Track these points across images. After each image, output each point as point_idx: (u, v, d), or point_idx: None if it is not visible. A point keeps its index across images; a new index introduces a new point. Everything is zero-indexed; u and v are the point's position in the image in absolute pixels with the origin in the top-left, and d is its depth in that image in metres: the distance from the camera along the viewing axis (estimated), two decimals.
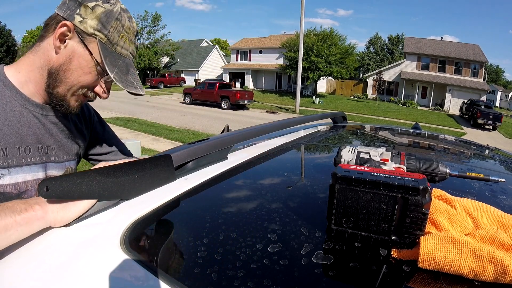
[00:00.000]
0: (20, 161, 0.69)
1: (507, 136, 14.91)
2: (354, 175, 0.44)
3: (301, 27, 16.34)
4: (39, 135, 0.73)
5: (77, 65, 0.68)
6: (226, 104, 16.22)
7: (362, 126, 1.69)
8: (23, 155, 0.69)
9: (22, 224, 0.45)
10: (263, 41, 31.82)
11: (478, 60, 25.13)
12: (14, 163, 0.67)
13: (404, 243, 0.43)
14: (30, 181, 0.71)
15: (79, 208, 0.50)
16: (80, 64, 0.68)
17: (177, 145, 0.75)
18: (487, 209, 0.52)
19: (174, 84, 29.93)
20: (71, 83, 0.69)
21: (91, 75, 0.70)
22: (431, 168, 0.60)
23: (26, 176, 0.70)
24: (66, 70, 0.68)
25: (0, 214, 0.45)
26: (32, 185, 0.72)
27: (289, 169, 0.82)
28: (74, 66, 0.68)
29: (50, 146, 0.75)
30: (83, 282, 0.38)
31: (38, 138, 0.72)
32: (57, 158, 0.77)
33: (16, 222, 0.45)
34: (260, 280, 0.37)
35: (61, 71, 0.68)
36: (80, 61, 0.68)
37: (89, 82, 0.70)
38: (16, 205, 0.47)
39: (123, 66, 0.72)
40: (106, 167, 0.52)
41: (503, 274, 0.36)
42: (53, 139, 0.76)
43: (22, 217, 0.46)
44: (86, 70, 0.69)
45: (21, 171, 0.69)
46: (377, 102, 24.98)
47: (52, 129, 0.75)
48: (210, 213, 0.55)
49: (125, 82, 0.71)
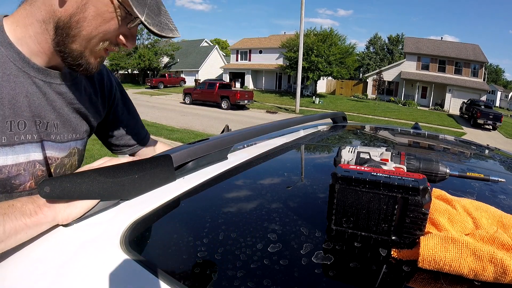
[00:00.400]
0: (11, 139, 0.57)
1: (507, 136, 14.91)
2: (354, 175, 0.44)
3: (301, 27, 16.34)
4: (38, 107, 0.60)
5: (94, 12, 0.54)
6: (226, 104, 16.22)
7: (362, 126, 1.69)
8: (15, 131, 0.57)
9: (32, 227, 0.45)
10: (263, 41, 31.83)
11: (478, 60, 25.13)
12: (2, 142, 0.56)
13: (404, 243, 0.43)
14: (23, 163, 0.60)
15: (86, 203, 0.49)
16: (98, 11, 0.54)
17: (177, 145, 0.75)
18: (487, 209, 0.52)
19: (174, 84, 29.92)
20: (89, 35, 0.56)
21: (113, 22, 0.56)
22: (431, 168, 0.60)
23: (18, 157, 0.59)
24: (80, 20, 0.54)
25: (10, 217, 0.43)
26: (26, 168, 0.60)
27: (289, 169, 0.82)
28: (91, 15, 0.54)
29: (51, 122, 0.63)
30: (83, 282, 0.38)
31: (37, 110, 0.60)
32: (59, 137, 0.66)
33: (27, 225, 0.44)
34: (260, 280, 0.37)
35: (73, 23, 0.54)
36: (98, 7, 0.54)
37: (111, 31, 0.57)
38: (25, 206, 0.45)
39: (153, 4, 0.57)
40: (106, 167, 0.52)
41: (503, 274, 0.36)
42: (56, 114, 0.63)
43: (32, 220, 0.45)
44: (107, 16, 0.55)
45: (11, 152, 0.57)
46: (377, 102, 24.98)
47: (55, 100, 0.62)
48: (210, 213, 0.55)
49: (159, 26, 0.57)
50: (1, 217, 0.43)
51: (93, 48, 0.58)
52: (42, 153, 0.63)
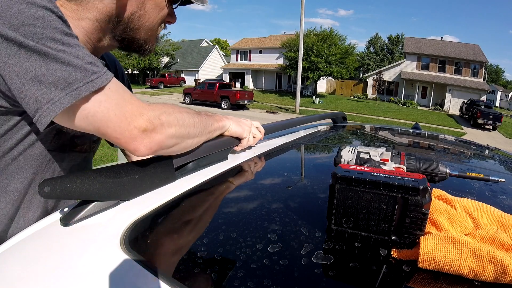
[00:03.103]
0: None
1: (507, 136, 14.91)
2: (354, 175, 0.44)
3: (301, 27, 16.34)
4: None
5: (151, 5, 0.63)
6: (226, 104, 16.22)
7: (362, 126, 1.69)
8: None
9: (219, 128, 0.74)
10: (263, 41, 31.83)
11: (478, 60, 25.14)
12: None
13: (404, 243, 0.43)
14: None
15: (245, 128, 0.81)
16: (154, 3, 0.63)
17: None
18: (487, 209, 0.52)
19: (174, 84, 29.92)
20: (151, 25, 0.65)
21: (165, 8, 0.66)
22: (431, 168, 0.60)
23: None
24: (142, 15, 0.63)
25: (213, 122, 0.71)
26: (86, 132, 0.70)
27: (289, 169, 0.82)
28: (150, 8, 0.63)
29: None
30: (83, 282, 0.38)
31: None
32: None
33: (219, 127, 0.73)
34: (260, 280, 0.37)
35: (135, 19, 0.63)
36: (154, 0, 0.63)
37: (165, 15, 0.67)
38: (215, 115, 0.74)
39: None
40: (106, 167, 0.52)
41: (503, 274, 0.36)
42: None
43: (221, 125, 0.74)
44: (162, 5, 0.64)
45: None
46: (377, 102, 24.99)
47: None
48: (210, 213, 0.55)
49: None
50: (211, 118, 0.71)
51: (155, 33, 0.68)
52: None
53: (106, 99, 0.48)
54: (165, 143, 0.55)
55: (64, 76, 0.44)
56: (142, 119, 0.51)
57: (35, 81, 0.43)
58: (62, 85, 0.44)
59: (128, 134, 0.50)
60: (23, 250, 0.45)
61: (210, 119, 0.70)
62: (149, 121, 0.52)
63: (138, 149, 0.51)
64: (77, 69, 0.45)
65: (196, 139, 0.64)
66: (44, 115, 0.44)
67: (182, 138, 0.59)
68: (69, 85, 0.44)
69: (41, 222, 0.51)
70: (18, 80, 0.43)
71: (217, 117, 0.74)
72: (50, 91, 0.44)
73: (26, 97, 0.44)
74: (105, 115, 0.48)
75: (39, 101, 0.44)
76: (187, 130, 0.60)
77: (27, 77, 0.43)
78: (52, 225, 0.50)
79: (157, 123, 0.53)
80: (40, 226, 0.50)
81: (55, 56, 0.44)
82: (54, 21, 0.45)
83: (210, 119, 0.70)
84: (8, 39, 0.42)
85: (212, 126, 0.70)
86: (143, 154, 0.53)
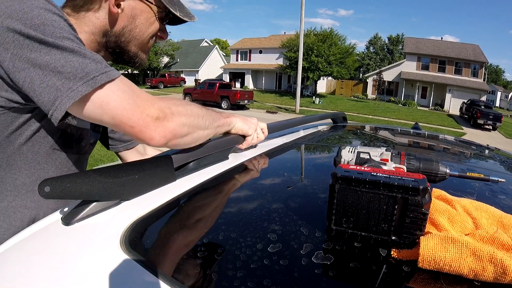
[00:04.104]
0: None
1: (507, 136, 14.91)
2: (354, 175, 0.44)
3: (301, 27, 16.34)
4: None
5: (142, 20, 0.68)
6: (226, 104, 16.22)
7: (362, 126, 1.69)
8: None
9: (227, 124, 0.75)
10: (263, 41, 31.82)
11: (478, 60, 25.14)
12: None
13: (404, 243, 0.43)
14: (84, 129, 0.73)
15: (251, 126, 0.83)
16: (145, 17, 0.68)
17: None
18: (487, 209, 0.52)
19: (174, 84, 29.93)
20: (142, 38, 0.70)
21: (156, 24, 0.70)
22: (431, 168, 0.60)
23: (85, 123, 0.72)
24: (132, 29, 0.68)
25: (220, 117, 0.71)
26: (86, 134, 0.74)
27: (289, 169, 0.82)
28: (140, 22, 0.68)
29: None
30: (83, 282, 0.38)
31: None
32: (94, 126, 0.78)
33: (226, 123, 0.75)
34: (260, 280, 0.37)
35: (126, 33, 0.68)
36: (144, 15, 0.68)
37: (156, 30, 0.72)
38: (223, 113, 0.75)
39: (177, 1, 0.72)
40: (106, 167, 0.52)
41: (503, 274, 0.36)
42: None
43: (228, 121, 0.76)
44: (151, 20, 0.69)
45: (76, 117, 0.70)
46: (377, 102, 24.98)
47: None
48: (210, 213, 0.55)
49: (187, 15, 0.73)
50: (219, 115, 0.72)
51: (145, 46, 0.73)
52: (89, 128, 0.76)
53: (119, 89, 0.51)
54: (178, 131, 0.56)
55: (81, 67, 0.48)
56: (153, 108, 0.53)
57: (55, 72, 0.47)
58: (80, 74, 0.48)
59: (142, 122, 0.51)
60: (25, 249, 0.45)
61: (217, 114, 0.72)
62: (161, 110, 0.54)
63: (153, 137, 0.53)
64: (92, 61, 0.50)
65: (206, 131, 0.65)
66: (64, 102, 0.48)
67: (193, 127, 0.60)
68: (86, 74, 0.48)
69: (43, 221, 0.51)
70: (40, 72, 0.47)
71: (224, 114, 0.76)
72: (69, 81, 0.48)
73: (48, 87, 0.47)
74: (119, 103, 0.50)
75: (59, 90, 0.48)
76: (197, 121, 0.62)
77: (48, 69, 0.47)
78: (53, 224, 0.50)
79: (168, 112, 0.55)
80: (42, 225, 0.50)
81: (72, 49, 0.49)
82: (66, 26, 0.51)
83: (217, 114, 0.72)
84: (30, 37, 0.47)
85: (219, 120, 0.71)
86: (158, 143, 0.54)
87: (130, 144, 0.97)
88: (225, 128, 0.75)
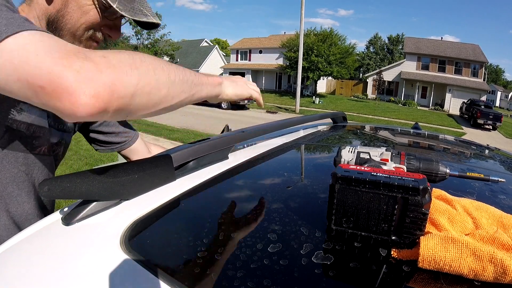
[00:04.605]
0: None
1: (507, 136, 14.91)
2: (354, 175, 0.44)
3: (301, 27, 16.33)
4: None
5: (74, 6, 0.61)
6: (226, 104, 16.21)
7: (362, 126, 1.69)
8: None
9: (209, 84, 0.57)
10: (263, 41, 31.83)
11: (478, 60, 25.14)
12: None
13: (404, 243, 0.43)
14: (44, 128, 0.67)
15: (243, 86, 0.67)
16: (78, 4, 0.61)
17: (177, 145, 0.75)
18: (487, 209, 0.52)
19: None
20: (73, 27, 0.62)
21: (92, 13, 0.62)
22: (431, 168, 0.60)
23: (40, 121, 0.66)
24: (65, 14, 0.61)
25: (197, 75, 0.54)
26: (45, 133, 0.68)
27: (289, 169, 0.82)
28: (72, 8, 0.61)
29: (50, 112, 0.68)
30: (83, 282, 0.38)
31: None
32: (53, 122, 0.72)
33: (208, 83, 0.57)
34: (260, 280, 0.37)
35: (60, 17, 0.61)
36: (78, 1, 0.61)
37: (91, 21, 0.63)
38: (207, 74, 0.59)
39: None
40: (106, 167, 0.52)
41: (503, 274, 0.36)
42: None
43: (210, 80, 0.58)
44: (85, 8, 0.62)
45: (37, 113, 0.65)
46: (377, 102, 24.98)
47: None
48: (210, 213, 0.55)
49: (131, 11, 0.63)
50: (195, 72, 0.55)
51: (80, 38, 0.64)
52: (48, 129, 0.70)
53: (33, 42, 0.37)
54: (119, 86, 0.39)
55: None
56: (77, 58, 0.37)
57: None
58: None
59: (56, 77, 0.35)
60: (25, 249, 0.45)
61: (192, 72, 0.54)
62: (89, 58, 0.38)
63: (76, 99, 0.35)
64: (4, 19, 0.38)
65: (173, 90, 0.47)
66: None
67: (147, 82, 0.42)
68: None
69: (43, 221, 0.51)
70: None
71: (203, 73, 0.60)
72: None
73: None
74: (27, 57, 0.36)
75: None
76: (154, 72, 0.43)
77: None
78: (53, 224, 0.50)
79: (101, 60, 0.38)
80: (42, 225, 0.50)
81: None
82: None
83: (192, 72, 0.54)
84: None
85: (197, 78, 0.54)
86: (88, 110, 0.36)
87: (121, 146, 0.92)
88: (208, 90, 0.57)
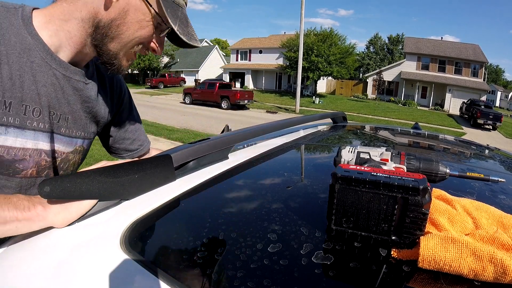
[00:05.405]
0: (24, 123, 0.58)
1: (507, 136, 14.90)
2: (354, 175, 0.44)
3: (301, 27, 16.33)
4: (54, 98, 0.62)
5: (133, 19, 0.61)
6: (226, 104, 16.21)
7: (362, 126, 1.69)
8: (29, 116, 0.59)
9: (22, 221, 0.46)
10: (263, 41, 31.82)
11: (478, 60, 25.13)
12: (15, 123, 0.57)
13: (404, 243, 0.43)
14: (29, 149, 0.61)
15: (80, 209, 0.50)
16: (137, 18, 0.61)
17: (177, 145, 0.75)
18: (487, 209, 0.52)
19: (174, 84, 29.91)
20: (127, 39, 0.63)
21: (148, 29, 0.63)
22: (431, 168, 0.60)
23: (26, 142, 0.60)
24: (120, 24, 0.61)
25: (3, 207, 0.46)
26: (32, 155, 0.62)
27: (289, 169, 0.82)
28: (130, 20, 0.61)
29: (64, 115, 0.65)
30: (83, 282, 0.38)
31: (53, 101, 0.62)
32: (68, 131, 0.68)
33: (17, 219, 0.46)
34: (260, 280, 0.37)
35: (113, 26, 0.61)
36: (137, 15, 0.61)
37: (146, 37, 0.64)
38: (20, 202, 0.47)
39: (183, 17, 0.66)
40: (106, 167, 0.52)
41: (503, 274, 0.36)
42: (69, 108, 0.66)
43: (23, 215, 0.46)
44: (144, 24, 0.62)
45: (21, 135, 0.59)
46: (377, 102, 24.98)
47: (71, 95, 0.65)
48: (210, 213, 0.55)
49: (188, 35, 0.66)
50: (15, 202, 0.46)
51: (128, 50, 0.65)
52: (50, 145, 0.65)
53: None
54: None
55: None
56: None
57: None
58: None
59: None
60: (25, 249, 0.45)
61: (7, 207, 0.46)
62: None
63: None
64: None
65: None
66: None
67: None
68: None
69: None
70: None
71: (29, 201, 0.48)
72: None
73: None
74: None
75: None
76: None
77: None
78: None
79: None
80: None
81: None
82: None
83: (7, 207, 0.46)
84: None
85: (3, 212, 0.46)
86: None
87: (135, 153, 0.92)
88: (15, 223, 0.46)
